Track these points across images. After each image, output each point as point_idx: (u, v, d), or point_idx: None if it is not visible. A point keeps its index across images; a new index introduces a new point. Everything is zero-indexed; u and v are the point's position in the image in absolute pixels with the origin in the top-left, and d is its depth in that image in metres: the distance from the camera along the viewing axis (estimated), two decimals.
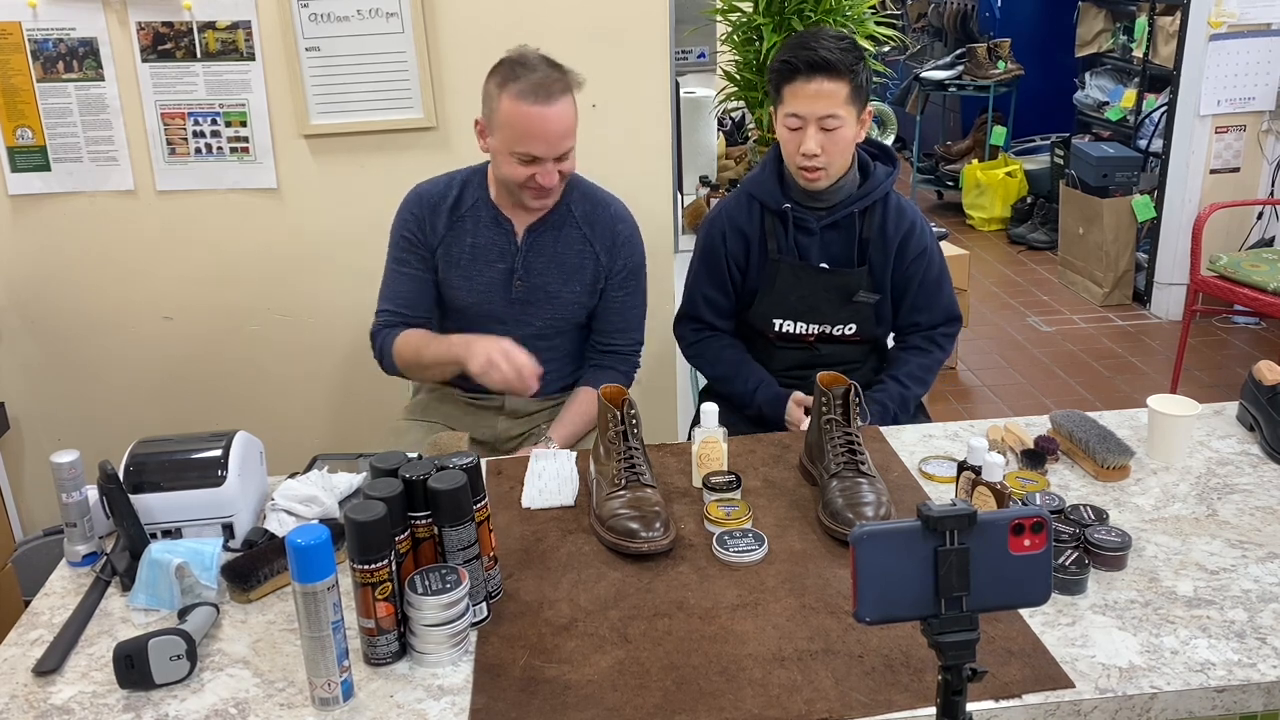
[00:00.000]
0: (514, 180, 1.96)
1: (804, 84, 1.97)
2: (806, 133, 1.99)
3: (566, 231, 2.08)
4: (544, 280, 2.08)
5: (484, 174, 2.10)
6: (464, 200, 2.08)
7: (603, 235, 2.10)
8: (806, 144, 1.99)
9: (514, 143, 1.90)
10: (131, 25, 2.54)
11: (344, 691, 1.28)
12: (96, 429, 2.81)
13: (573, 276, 2.09)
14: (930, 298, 2.18)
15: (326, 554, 1.24)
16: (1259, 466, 1.80)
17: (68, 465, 1.57)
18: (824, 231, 2.12)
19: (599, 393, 1.70)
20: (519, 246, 2.07)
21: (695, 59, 4.05)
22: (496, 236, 2.07)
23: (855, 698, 1.27)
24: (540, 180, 1.94)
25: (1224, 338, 4.61)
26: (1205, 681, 1.28)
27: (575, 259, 2.09)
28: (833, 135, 1.98)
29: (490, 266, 2.07)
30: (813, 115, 1.97)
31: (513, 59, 1.93)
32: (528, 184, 1.95)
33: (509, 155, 1.93)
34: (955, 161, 6.59)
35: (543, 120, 1.87)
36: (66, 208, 2.68)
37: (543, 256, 2.08)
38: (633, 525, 1.56)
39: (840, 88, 1.96)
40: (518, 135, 1.89)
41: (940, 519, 0.92)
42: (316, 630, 1.25)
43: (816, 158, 2.00)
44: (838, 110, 1.97)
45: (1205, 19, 4.40)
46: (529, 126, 1.88)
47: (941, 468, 1.80)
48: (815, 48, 1.95)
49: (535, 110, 1.87)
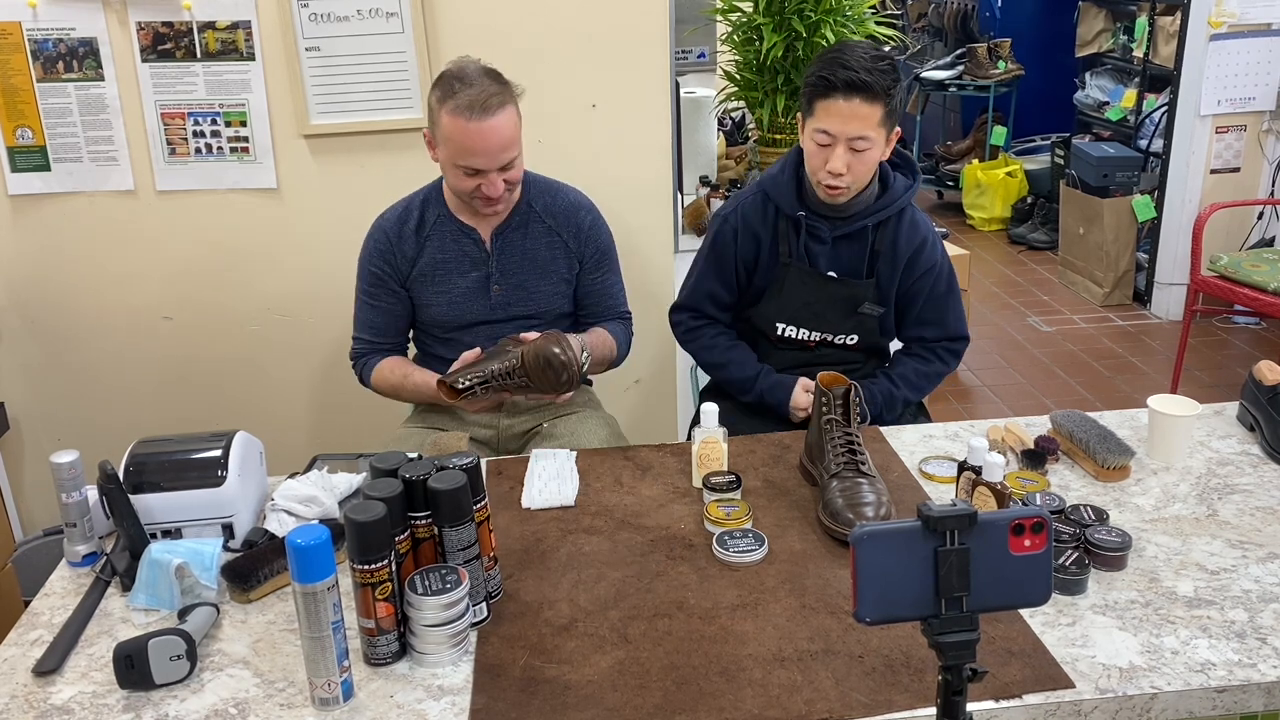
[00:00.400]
0: (462, 191, 2.02)
1: (839, 103, 1.91)
2: (835, 151, 1.94)
3: (533, 228, 2.13)
4: (521, 279, 2.13)
5: (439, 190, 2.14)
6: (426, 219, 2.12)
7: (567, 224, 2.15)
8: (834, 163, 1.94)
9: (457, 156, 1.95)
10: (131, 25, 2.54)
11: (344, 692, 1.28)
12: (96, 429, 2.81)
13: (548, 270, 2.14)
14: (935, 313, 2.16)
15: (326, 554, 1.24)
16: (1259, 467, 1.80)
17: (68, 465, 1.57)
18: (836, 241, 2.09)
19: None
20: (489, 252, 2.11)
21: (695, 59, 4.05)
22: (466, 247, 2.11)
23: (855, 698, 1.27)
24: (485, 191, 1.99)
25: (1224, 338, 4.61)
26: (1205, 682, 1.28)
27: (546, 252, 2.13)
28: (861, 156, 1.95)
29: (464, 277, 2.11)
30: (844, 135, 1.92)
31: (451, 73, 1.96)
32: (475, 194, 2.01)
33: (454, 168, 1.98)
34: (955, 161, 6.59)
35: (481, 135, 1.92)
36: (66, 208, 2.68)
37: (515, 257, 2.12)
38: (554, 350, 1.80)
39: (875, 111, 1.91)
40: (458, 150, 1.94)
41: (940, 519, 0.92)
42: (316, 630, 1.25)
43: (841, 177, 1.96)
44: (869, 133, 1.92)
45: (1205, 19, 4.39)
46: (468, 142, 1.92)
47: (941, 468, 1.80)
48: (855, 69, 1.89)
49: (473, 126, 1.91)
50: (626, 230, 2.28)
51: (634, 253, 2.65)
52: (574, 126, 2.71)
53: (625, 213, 2.55)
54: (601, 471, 1.84)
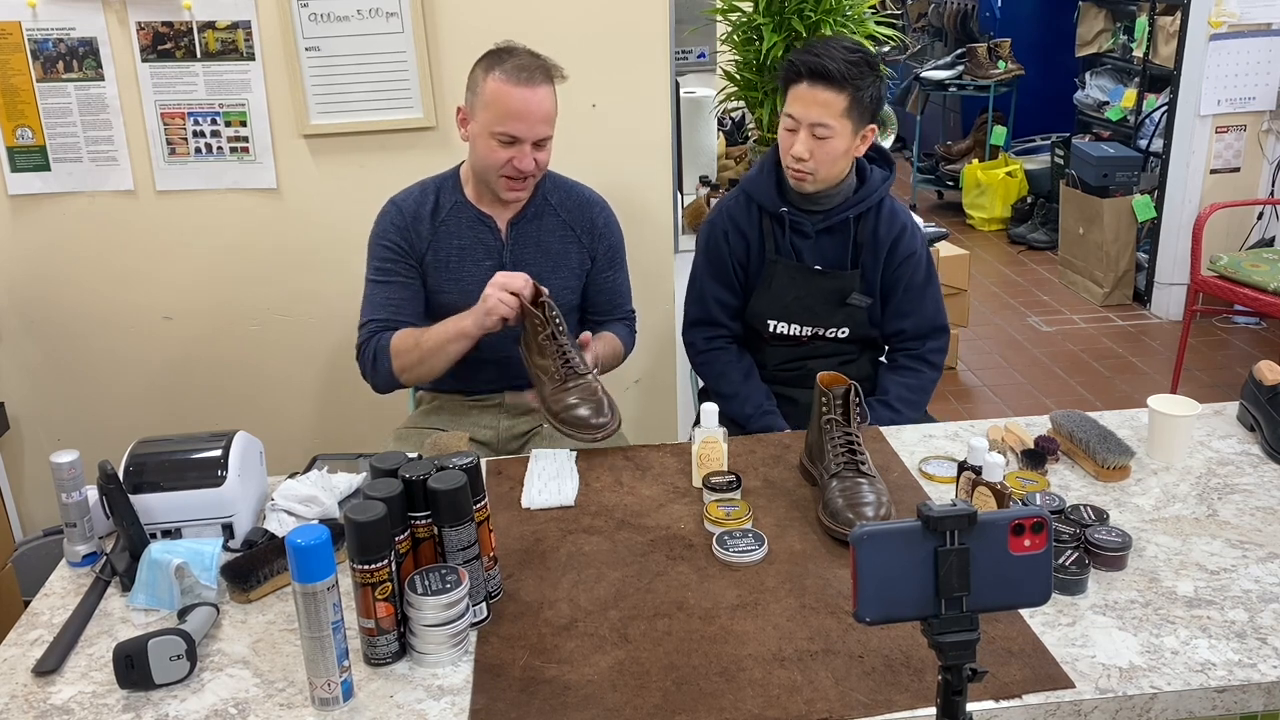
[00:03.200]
0: (492, 164, 1.99)
1: (804, 89, 2.00)
2: (798, 135, 2.02)
3: (547, 220, 2.13)
4: (534, 271, 2.08)
5: (456, 178, 2.13)
6: (442, 205, 2.10)
7: (581, 220, 2.15)
8: (796, 147, 2.03)
9: (496, 122, 1.95)
10: (131, 25, 2.54)
11: (344, 692, 1.28)
12: (96, 429, 2.81)
13: (560, 263, 2.13)
14: (915, 303, 2.18)
15: (326, 554, 1.24)
16: (1259, 466, 1.80)
17: (68, 465, 1.57)
18: (819, 235, 2.13)
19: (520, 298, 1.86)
20: (504, 242, 2.10)
21: (695, 59, 4.05)
22: (481, 234, 2.10)
23: (855, 698, 1.27)
24: (518, 164, 1.97)
25: (1224, 338, 4.61)
26: (1205, 682, 1.28)
27: (559, 245, 2.13)
28: (822, 144, 2.01)
29: (478, 265, 2.09)
30: (806, 120, 2.01)
31: (500, 48, 2.01)
32: (504, 169, 1.99)
33: (489, 137, 1.97)
34: (955, 161, 6.59)
35: (524, 101, 1.93)
36: (66, 208, 2.68)
37: (529, 248, 2.12)
38: (583, 412, 1.80)
39: (837, 99, 1.98)
40: (500, 115, 1.94)
41: (940, 519, 0.92)
42: (316, 630, 1.25)
43: (804, 162, 2.03)
44: (830, 120, 1.99)
45: (1205, 19, 4.40)
46: (511, 105, 1.93)
47: (941, 468, 1.80)
48: (821, 55, 1.98)
49: (519, 91, 1.93)
50: (627, 230, 2.28)
51: (634, 252, 2.64)
52: (574, 126, 2.70)
53: (625, 212, 2.54)
54: (601, 471, 1.84)
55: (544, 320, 1.86)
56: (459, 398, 2.20)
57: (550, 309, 1.86)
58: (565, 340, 1.87)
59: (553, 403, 1.85)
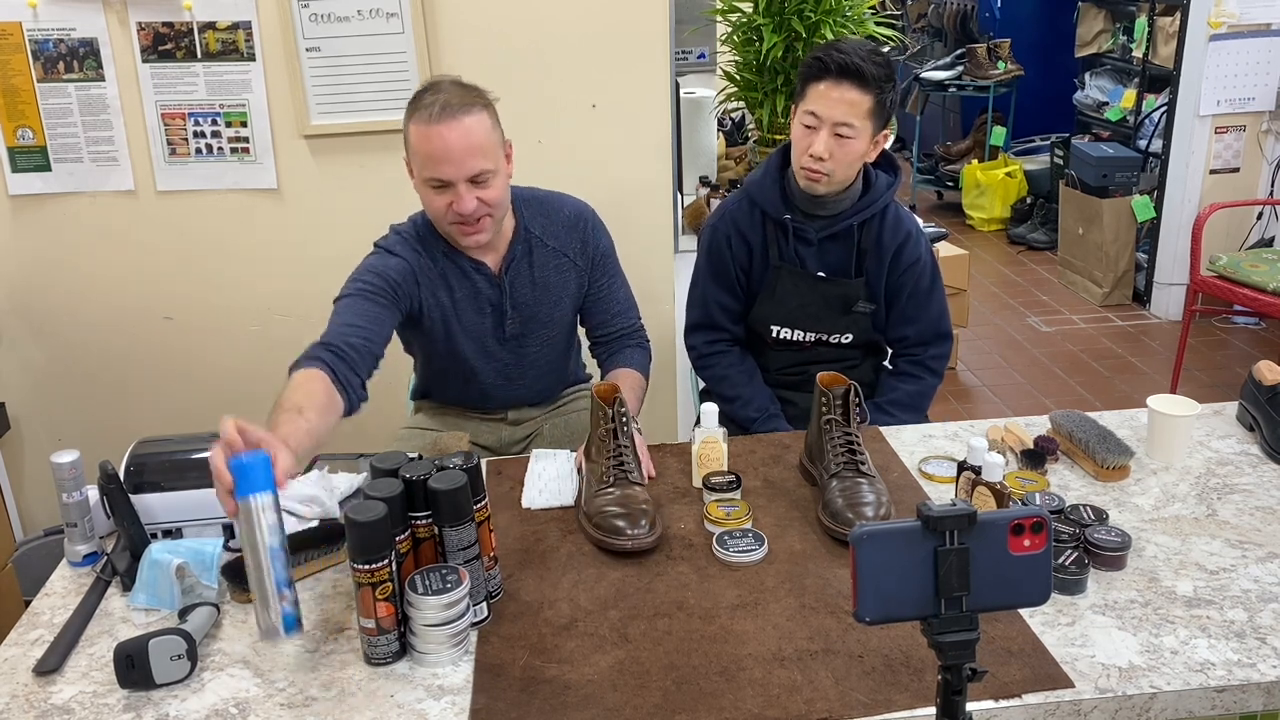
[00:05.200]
0: (437, 214, 1.88)
1: (830, 86, 1.94)
2: (819, 134, 1.96)
3: (537, 253, 2.02)
4: (534, 310, 2.03)
5: None
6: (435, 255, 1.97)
7: (571, 243, 2.04)
8: (816, 145, 1.96)
9: (423, 169, 1.83)
10: (132, 25, 2.54)
11: (285, 624, 1.27)
12: (96, 429, 2.81)
13: (561, 295, 2.05)
14: (919, 309, 2.16)
15: (263, 471, 1.25)
16: (1259, 466, 1.80)
17: (68, 465, 1.57)
18: (822, 242, 2.11)
19: (593, 391, 1.72)
20: (500, 286, 2.00)
21: (695, 59, 4.05)
22: (478, 281, 1.98)
23: (855, 698, 1.27)
24: (456, 208, 1.83)
25: (1224, 338, 4.61)
26: (1205, 681, 1.28)
27: (556, 276, 2.04)
28: (843, 144, 1.96)
29: (480, 313, 2.01)
30: (830, 118, 1.95)
31: (422, 88, 1.86)
32: (449, 216, 1.85)
33: (425, 187, 1.85)
34: (955, 162, 6.59)
35: (442, 139, 1.78)
36: (67, 208, 2.68)
37: (525, 287, 2.02)
38: (619, 523, 1.57)
39: (864, 99, 1.94)
40: (423, 160, 1.82)
41: (940, 519, 0.92)
42: (252, 552, 1.26)
43: (823, 162, 1.98)
44: (855, 120, 1.94)
45: (1205, 19, 4.40)
46: (431, 148, 1.79)
47: (941, 468, 1.81)
48: (850, 53, 1.93)
49: (434, 130, 1.78)
50: (626, 230, 2.27)
51: (634, 253, 2.65)
52: (574, 126, 2.71)
53: (625, 213, 2.55)
54: None
55: (608, 416, 1.71)
56: (461, 408, 2.18)
57: (620, 404, 1.71)
58: (625, 442, 1.70)
59: (590, 498, 1.68)
